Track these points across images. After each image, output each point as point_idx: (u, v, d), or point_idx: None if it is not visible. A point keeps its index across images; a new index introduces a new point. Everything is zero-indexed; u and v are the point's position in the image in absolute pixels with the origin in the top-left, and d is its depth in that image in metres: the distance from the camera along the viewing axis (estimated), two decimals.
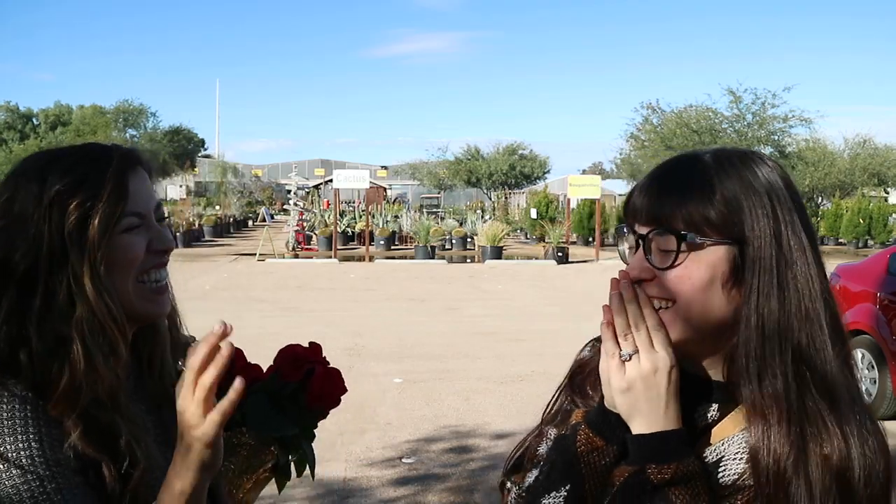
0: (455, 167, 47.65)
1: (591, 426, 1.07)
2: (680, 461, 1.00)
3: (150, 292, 1.18)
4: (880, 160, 39.19)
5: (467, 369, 8.37)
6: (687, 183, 1.08)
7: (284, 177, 44.05)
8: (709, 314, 1.06)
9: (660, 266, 1.06)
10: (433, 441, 6.00)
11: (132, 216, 1.15)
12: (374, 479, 5.16)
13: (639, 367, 1.02)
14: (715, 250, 1.05)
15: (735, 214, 1.05)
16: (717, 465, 1.05)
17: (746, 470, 1.03)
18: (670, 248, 1.06)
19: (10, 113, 53.94)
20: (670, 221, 1.06)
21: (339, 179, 22.70)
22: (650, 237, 1.08)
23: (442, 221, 30.49)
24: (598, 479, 1.05)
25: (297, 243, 24.35)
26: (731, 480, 1.04)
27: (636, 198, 1.12)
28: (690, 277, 1.05)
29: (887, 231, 28.58)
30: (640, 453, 1.02)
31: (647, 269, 1.08)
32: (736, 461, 1.05)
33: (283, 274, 17.77)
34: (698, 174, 1.08)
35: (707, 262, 1.05)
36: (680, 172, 1.10)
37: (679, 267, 1.05)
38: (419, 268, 19.94)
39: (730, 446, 1.06)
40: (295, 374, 1.30)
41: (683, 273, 1.05)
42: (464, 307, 13.03)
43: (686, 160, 1.12)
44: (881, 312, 6.84)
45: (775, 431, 1.01)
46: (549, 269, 19.99)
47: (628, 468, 1.02)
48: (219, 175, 50.09)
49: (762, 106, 33.76)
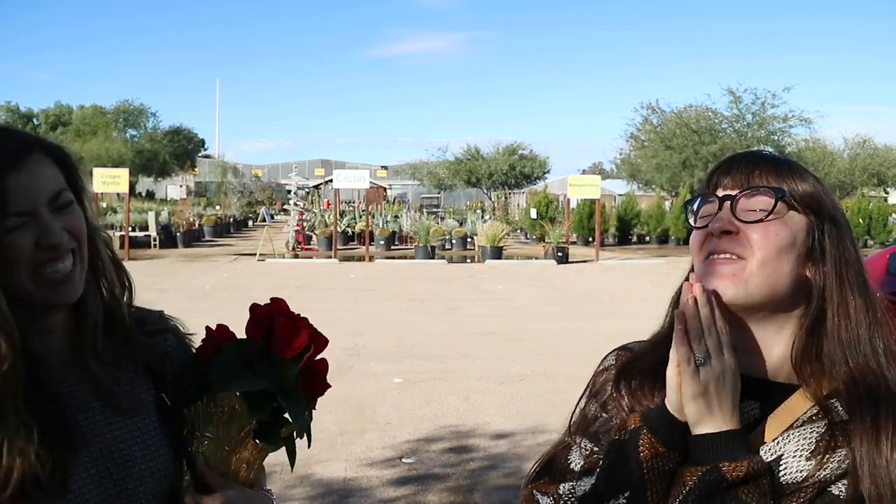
0: (455, 167, 47.66)
1: (655, 432, 1.07)
2: (752, 458, 1.02)
3: (50, 283, 1.17)
4: (880, 160, 39.22)
5: (467, 369, 8.37)
6: (781, 162, 1.16)
7: (284, 177, 44.07)
8: (779, 279, 1.10)
9: (748, 220, 1.11)
10: (433, 441, 5.99)
11: (13, 217, 1.14)
12: (374, 479, 5.16)
13: (711, 371, 1.04)
14: (799, 219, 1.12)
15: (820, 197, 1.14)
16: (776, 463, 1.06)
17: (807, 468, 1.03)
18: (760, 208, 1.11)
19: (10, 113, 53.90)
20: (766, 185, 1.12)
21: (339, 179, 22.70)
22: (739, 197, 1.12)
23: (442, 221, 30.51)
24: (661, 484, 1.05)
25: (297, 243, 24.36)
26: (792, 479, 1.04)
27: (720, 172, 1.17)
28: (777, 235, 1.10)
29: (887, 231, 28.58)
30: (712, 452, 1.03)
31: (733, 223, 1.11)
32: (797, 458, 1.05)
33: (283, 274, 17.77)
34: (788, 160, 1.17)
35: (791, 227, 1.11)
36: (769, 155, 1.18)
37: (767, 223, 1.10)
38: (419, 268, 19.94)
39: (788, 444, 1.06)
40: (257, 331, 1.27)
41: (770, 230, 1.10)
42: (464, 307, 13.02)
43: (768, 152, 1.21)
44: None
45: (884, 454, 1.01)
46: (549, 269, 19.99)
47: (698, 468, 1.03)
48: (219, 175, 50.16)
49: (762, 106, 33.82)
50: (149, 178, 54.70)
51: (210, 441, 1.27)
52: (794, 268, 1.11)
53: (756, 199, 1.11)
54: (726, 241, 1.11)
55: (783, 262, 1.10)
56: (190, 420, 1.29)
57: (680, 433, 1.06)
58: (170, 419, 1.32)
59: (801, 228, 1.12)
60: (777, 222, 1.10)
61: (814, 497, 1.02)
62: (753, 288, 1.09)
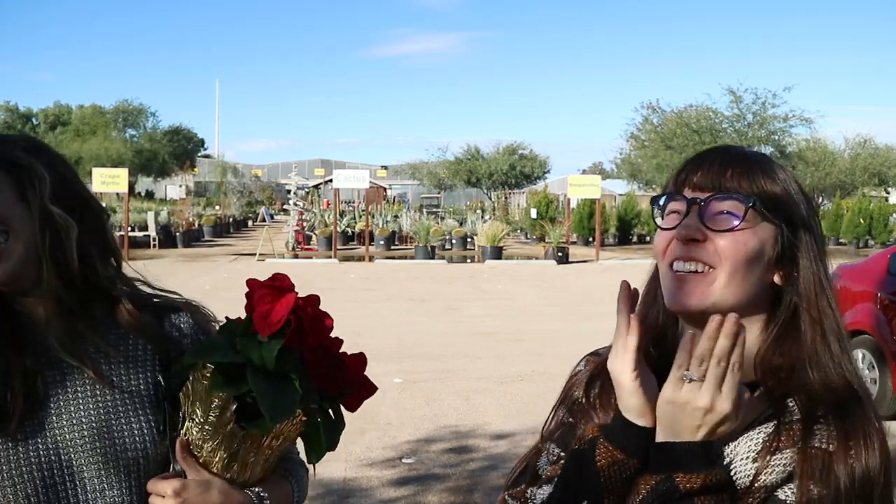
0: (455, 167, 47.64)
1: (612, 440, 1.04)
2: (709, 472, 0.98)
3: None
4: (881, 160, 39.21)
5: (467, 369, 8.37)
6: (754, 162, 1.12)
7: (284, 177, 44.07)
8: (746, 288, 1.08)
9: (717, 228, 1.07)
10: (433, 441, 5.99)
11: None
12: (374, 479, 5.16)
13: (695, 396, 0.97)
14: (769, 227, 1.09)
15: (791, 200, 1.11)
16: (728, 467, 1.04)
17: (755, 470, 1.02)
18: (728, 214, 1.07)
19: (9, 113, 53.90)
20: (736, 190, 1.08)
21: (339, 179, 22.70)
22: (708, 201, 1.09)
23: (442, 221, 30.50)
24: (618, 492, 1.03)
25: (297, 243, 24.35)
26: (741, 483, 1.02)
27: (688, 171, 1.13)
28: (745, 245, 1.07)
29: (888, 231, 28.58)
30: (668, 462, 0.99)
31: (701, 231, 1.08)
32: (745, 462, 1.03)
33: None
34: (760, 157, 1.13)
35: (760, 236, 1.08)
36: (741, 152, 1.14)
37: (737, 233, 1.07)
38: (419, 268, 19.94)
39: (738, 447, 1.04)
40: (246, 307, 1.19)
41: (739, 240, 1.07)
42: (464, 307, 13.02)
43: (741, 147, 1.17)
44: (881, 312, 6.83)
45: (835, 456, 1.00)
46: (549, 269, 19.99)
47: (653, 477, 0.99)
48: (219, 175, 50.13)
49: (762, 106, 33.77)
50: (148, 178, 54.70)
51: (193, 424, 1.23)
52: (761, 275, 1.09)
53: (726, 203, 1.08)
54: (693, 249, 1.08)
55: (751, 272, 1.08)
56: (182, 404, 1.25)
57: (639, 440, 1.03)
58: (162, 402, 1.33)
59: (771, 237, 1.09)
60: (747, 232, 1.08)
61: (762, 503, 1.00)
62: (718, 298, 1.07)
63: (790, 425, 1.03)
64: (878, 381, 6.71)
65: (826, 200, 38.65)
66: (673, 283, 1.09)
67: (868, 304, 7.03)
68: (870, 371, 6.85)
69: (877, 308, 6.91)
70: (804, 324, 1.08)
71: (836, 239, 30.12)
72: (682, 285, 1.08)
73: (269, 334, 1.16)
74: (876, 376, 6.74)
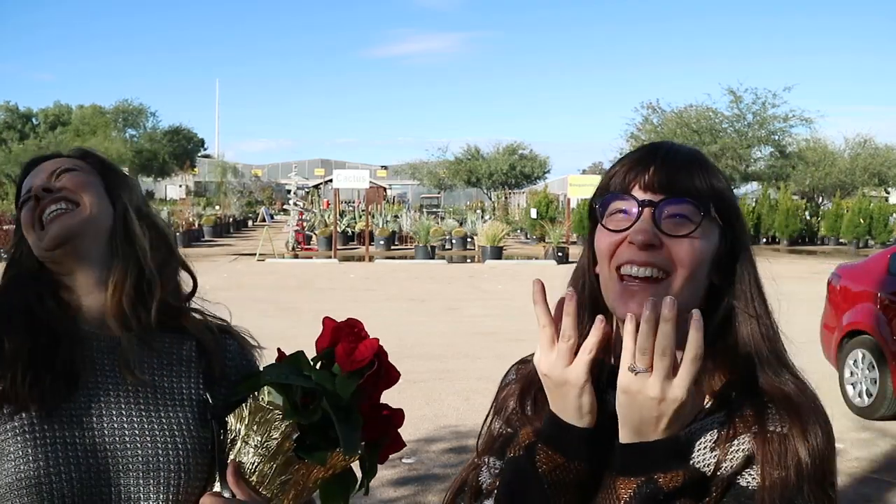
0: (455, 167, 47.63)
1: (551, 443, 1.02)
2: (687, 468, 0.96)
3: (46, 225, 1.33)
4: (881, 160, 39.19)
5: (467, 369, 8.36)
6: (694, 160, 1.09)
7: (284, 177, 44.05)
8: (697, 291, 1.07)
9: (673, 234, 1.04)
10: (433, 441, 5.99)
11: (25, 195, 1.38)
12: (373, 480, 5.14)
13: (644, 385, 0.94)
14: (716, 228, 1.08)
15: (731, 197, 1.10)
16: None
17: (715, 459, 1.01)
18: (681, 218, 1.05)
19: (9, 113, 53.91)
20: (689, 192, 1.05)
21: (339, 179, 22.70)
22: (663, 204, 1.05)
23: (442, 221, 30.50)
24: (563, 497, 1.01)
25: (297, 243, 24.35)
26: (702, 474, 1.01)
27: (639, 170, 1.08)
28: (700, 250, 1.05)
29: (888, 231, 28.56)
30: (643, 462, 0.96)
31: (657, 236, 1.05)
32: (703, 452, 1.02)
33: (283, 274, 17.77)
34: (699, 156, 1.11)
35: (710, 238, 1.07)
36: (686, 150, 1.11)
37: (693, 238, 1.05)
38: (419, 268, 19.93)
39: (693, 436, 1.03)
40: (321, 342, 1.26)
41: (696, 245, 1.05)
42: (464, 307, 13.02)
43: (688, 146, 1.13)
44: (881, 312, 6.83)
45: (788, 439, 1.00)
46: (549, 269, 19.98)
47: (633, 479, 0.96)
48: (219, 175, 50.11)
49: (762, 106, 33.78)
50: (148, 177, 54.67)
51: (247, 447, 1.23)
52: (706, 276, 1.08)
53: (682, 206, 1.05)
54: (649, 254, 1.04)
55: (702, 276, 1.07)
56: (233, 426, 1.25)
57: (579, 442, 1.00)
58: (207, 420, 1.31)
59: (716, 240, 1.08)
60: (700, 236, 1.05)
61: (724, 491, 0.99)
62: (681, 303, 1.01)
63: (741, 413, 1.03)
64: (878, 381, 6.70)
65: (826, 200, 38.65)
66: (623, 288, 1.05)
67: (868, 304, 7.03)
68: (869, 371, 6.85)
69: (877, 308, 6.91)
70: (740, 322, 1.08)
71: (836, 239, 30.11)
72: (634, 291, 1.04)
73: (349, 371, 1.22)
74: (876, 376, 6.73)
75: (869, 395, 6.82)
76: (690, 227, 1.04)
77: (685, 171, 1.07)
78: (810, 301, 8.01)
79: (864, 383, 6.92)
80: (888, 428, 6.55)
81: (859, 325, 7.01)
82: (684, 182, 1.06)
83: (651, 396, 0.94)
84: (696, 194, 1.06)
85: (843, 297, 7.43)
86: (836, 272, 7.86)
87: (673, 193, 1.06)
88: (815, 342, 7.64)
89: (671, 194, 1.06)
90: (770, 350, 1.08)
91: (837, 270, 7.91)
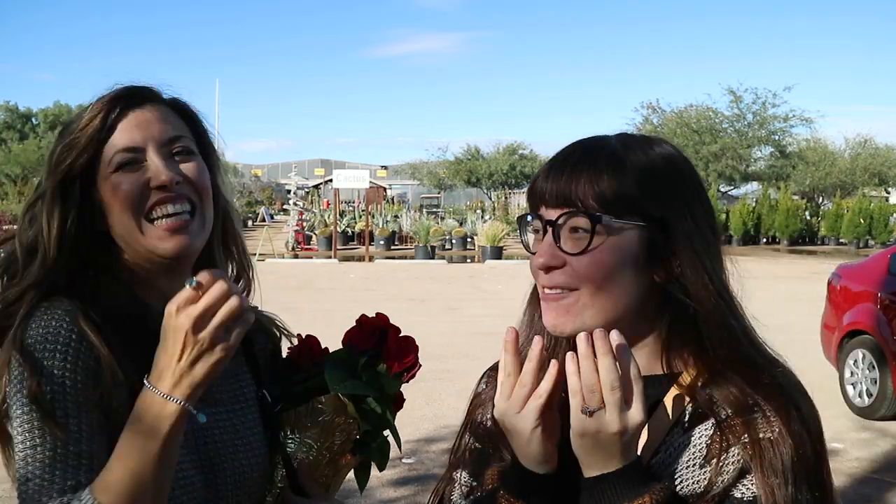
0: (455, 167, 47.62)
1: (512, 490, 1.00)
2: (654, 488, 0.94)
3: (162, 230, 1.14)
4: (881, 160, 39.19)
5: (467, 369, 8.35)
6: (597, 161, 1.02)
7: (284, 177, 44.07)
8: (619, 298, 1.02)
9: (572, 251, 1.01)
10: (433, 441, 5.99)
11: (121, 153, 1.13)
12: (374, 479, 5.13)
13: (603, 423, 0.92)
14: (630, 231, 1.01)
15: (651, 189, 1.02)
16: (671, 476, 1.00)
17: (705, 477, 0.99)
18: (582, 232, 1.01)
19: (9, 113, 53.95)
20: (583, 202, 1.01)
21: (339, 179, 22.71)
22: (560, 221, 1.02)
23: (442, 221, 30.49)
24: None
25: (297, 243, 24.35)
26: (690, 491, 0.99)
27: (541, 182, 1.05)
28: (604, 261, 1.01)
29: (888, 231, 28.57)
30: (609, 495, 0.94)
31: (557, 256, 1.02)
32: (691, 469, 1.00)
33: (283, 274, 17.76)
34: (607, 152, 1.03)
35: (618, 245, 1.01)
36: (588, 152, 1.05)
37: (593, 251, 1.00)
38: (419, 268, 19.93)
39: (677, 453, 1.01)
40: (368, 340, 1.28)
41: (598, 258, 1.01)
42: (464, 307, 13.03)
43: (591, 141, 1.07)
44: (882, 312, 6.83)
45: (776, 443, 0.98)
46: None
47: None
48: None
49: (763, 105, 33.81)
50: None
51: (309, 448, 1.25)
52: (633, 280, 1.02)
53: (576, 220, 1.01)
54: (553, 275, 1.03)
55: (617, 285, 1.02)
56: (290, 424, 1.26)
57: (540, 488, 0.98)
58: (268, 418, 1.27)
59: (634, 241, 1.01)
60: (602, 247, 1.00)
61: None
62: (590, 318, 1.01)
63: (728, 422, 1.00)
64: (878, 381, 6.69)
65: (826, 200, 38.65)
66: (545, 305, 1.05)
67: (868, 304, 7.02)
68: (870, 371, 6.85)
69: (877, 308, 6.90)
70: (698, 317, 1.03)
71: (837, 239, 30.11)
72: (548, 309, 1.04)
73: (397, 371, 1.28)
74: (876, 376, 6.73)
75: (869, 395, 6.82)
76: (585, 242, 1.00)
77: (579, 178, 1.01)
78: (810, 301, 8.01)
79: (864, 383, 6.92)
80: (888, 428, 6.55)
81: (859, 325, 7.01)
82: (578, 191, 1.01)
83: (612, 432, 0.92)
84: (591, 204, 1.00)
85: (843, 297, 7.43)
86: (837, 272, 7.85)
87: (569, 205, 1.01)
88: (815, 342, 7.64)
89: (567, 207, 1.02)
90: (735, 341, 1.04)
91: (837, 270, 7.90)
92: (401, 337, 1.30)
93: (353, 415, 1.24)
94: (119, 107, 1.14)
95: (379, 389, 1.25)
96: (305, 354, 1.31)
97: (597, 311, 1.02)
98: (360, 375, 1.24)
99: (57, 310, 1.07)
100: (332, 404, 1.24)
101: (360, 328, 1.29)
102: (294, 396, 1.27)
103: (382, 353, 1.27)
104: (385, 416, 1.25)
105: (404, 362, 1.28)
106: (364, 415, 1.24)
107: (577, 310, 1.02)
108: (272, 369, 1.33)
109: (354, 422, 1.26)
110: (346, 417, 1.24)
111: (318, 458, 1.26)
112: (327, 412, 1.24)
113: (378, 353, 1.27)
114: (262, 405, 1.28)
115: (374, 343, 1.28)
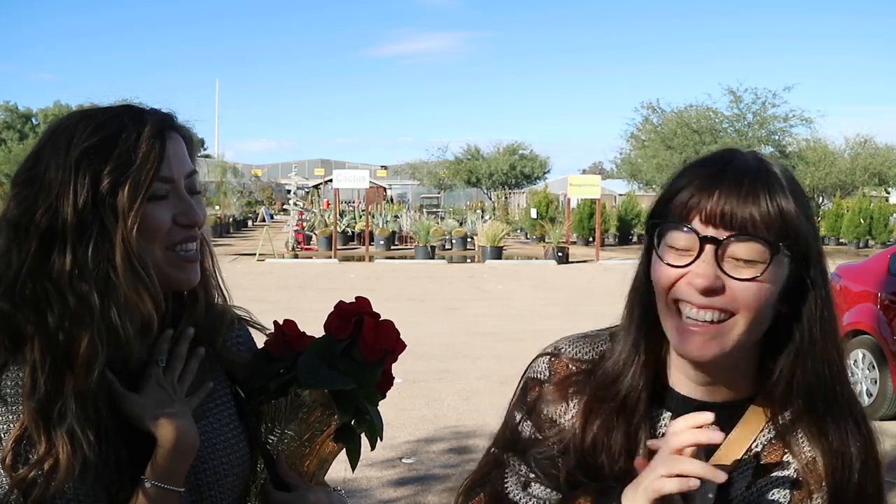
0: (455, 167, 47.62)
1: None
2: None
3: (181, 260, 1.16)
4: (881, 160, 39.17)
5: (467, 369, 8.36)
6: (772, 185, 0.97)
7: (284, 177, 44.06)
8: (760, 327, 1.00)
9: (738, 276, 0.96)
10: (433, 441, 5.99)
11: (160, 182, 1.12)
12: (374, 480, 5.15)
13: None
14: (787, 262, 0.99)
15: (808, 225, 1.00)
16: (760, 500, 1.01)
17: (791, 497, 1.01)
18: (753, 259, 0.96)
19: (8, 112, 53.94)
20: (756, 227, 0.95)
21: (339, 179, 22.70)
22: (727, 242, 0.96)
23: (442, 221, 30.48)
24: None
25: (297, 243, 24.34)
26: None
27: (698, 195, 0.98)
28: (768, 292, 0.97)
29: (888, 231, 28.56)
30: None
31: (717, 279, 0.96)
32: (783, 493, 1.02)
33: (283, 274, 17.76)
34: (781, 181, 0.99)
35: (778, 275, 0.98)
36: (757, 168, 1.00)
37: (759, 279, 0.96)
38: (419, 268, 19.93)
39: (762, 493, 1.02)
40: (344, 329, 1.25)
41: (763, 287, 0.97)
42: (464, 307, 13.02)
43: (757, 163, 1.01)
44: (882, 312, 6.83)
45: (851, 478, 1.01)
46: (549, 269, 19.98)
47: None
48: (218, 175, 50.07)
49: (762, 105, 33.79)
50: None
51: (291, 439, 1.25)
52: (773, 309, 1.00)
53: (749, 248, 0.96)
54: (708, 299, 0.97)
55: (766, 312, 1.00)
56: (269, 417, 1.25)
57: None
58: (244, 413, 1.27)
59: (786, 273, 0.99)
60: (767, 275, 0.96)
61: None
62: (730, 343, 0.99)
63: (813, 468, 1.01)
64: (878, 381, 6.70)
65: (826, 200, 38.61)
66: (683, 326, 1.00)
67: (868, 304, 7.02)
68: (870, 371, 6.85)
69: (877, 308, 6.91)
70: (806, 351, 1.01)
71: (837, 239, 30.10)
72: (694, 334, 0.99)
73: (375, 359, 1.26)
74: (876, 376, 6.73)
75: (869, 395, 6.82)
76: (758, 270, 0.96)
77: (752, 198, 0.96)
78: None
79: (864, 383, 6.92)
80: (888, 428, 6.54)
81: (859, 325, 7.01)
82: (752, 214, 0.95)
83: None
84: (764, 231, 0.95)
85: (843, 297, 7.42)
86: (837, 272, 7.85)
87: (738, 229, 0.95)
88: None
89: (736, 230, 0.96)
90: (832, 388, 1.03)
91: (837, 270, 7.90)
92: (378, 323, 1.27)
93: (332, 406, 1.23)
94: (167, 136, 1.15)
95: (358, 378, 1.22)
96: (281, 342, 1.29)
97: (741, 337, 0.99)
98: (337, 366, 1.22)
99: None
100: (310, 396, 1.23)
101: (337, 315, 1.27)
102: (271, 391, 1.25)
103: (360, 342, 1.24)
104: (366, 406, 1.24)
105: (380, 350, 1.25)
106: (343, 406, 1.23)
107: (725, 336, 0.98)
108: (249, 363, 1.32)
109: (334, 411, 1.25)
110: (325, 409, 1.24)
111: (299, 450, 1.25)
112: (306, 404, 1.24)
113: (356, 340, 1.25)
114: (237, 401, 1.28)
115: (353, 331, 1.25)
